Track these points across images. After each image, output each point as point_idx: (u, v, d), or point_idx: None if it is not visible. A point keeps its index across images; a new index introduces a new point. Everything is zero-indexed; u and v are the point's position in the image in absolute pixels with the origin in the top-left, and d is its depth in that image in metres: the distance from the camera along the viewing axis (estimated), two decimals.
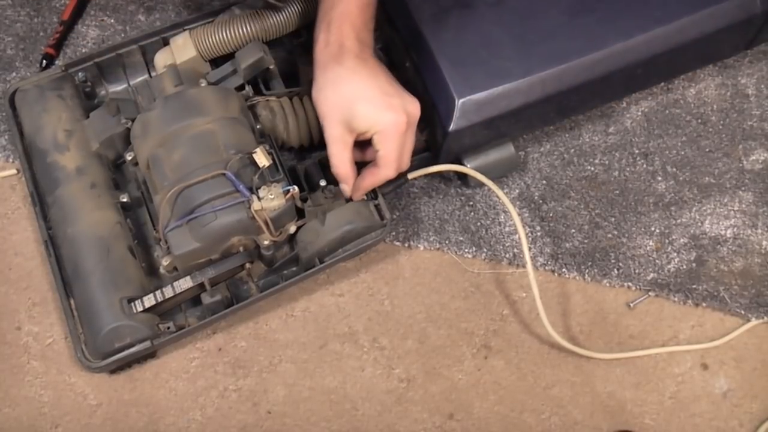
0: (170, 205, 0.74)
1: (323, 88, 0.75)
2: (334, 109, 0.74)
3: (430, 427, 0.80)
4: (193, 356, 0.81)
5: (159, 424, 0.78)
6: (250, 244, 0.77)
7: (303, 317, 0.83)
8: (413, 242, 0.87)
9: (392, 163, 0.75)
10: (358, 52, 0.74)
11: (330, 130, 0.75)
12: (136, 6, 0.98)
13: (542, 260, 0.87)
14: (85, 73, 0.86)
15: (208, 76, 0.84)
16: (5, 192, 0.87)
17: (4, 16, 0.96)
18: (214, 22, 0.85)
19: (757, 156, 0.94)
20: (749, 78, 0.98)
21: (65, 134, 0.81)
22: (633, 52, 0.82)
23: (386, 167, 0.75)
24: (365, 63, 0.74)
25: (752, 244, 0.89)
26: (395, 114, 0.73)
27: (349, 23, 0.74)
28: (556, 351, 0.83)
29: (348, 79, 0.73)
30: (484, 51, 0.79)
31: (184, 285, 0.75)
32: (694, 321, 0.86)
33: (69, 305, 0.77)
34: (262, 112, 0.82)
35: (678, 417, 0.82)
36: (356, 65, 0.73)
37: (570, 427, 0.81)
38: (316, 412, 0.80)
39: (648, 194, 0.91)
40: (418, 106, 0.75)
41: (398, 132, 0.73)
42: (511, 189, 0.90)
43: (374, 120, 0.73)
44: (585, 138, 0.94)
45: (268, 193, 0.74)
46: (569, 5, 0.82)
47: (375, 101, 0.73)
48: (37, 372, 0.79)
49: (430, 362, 0.82)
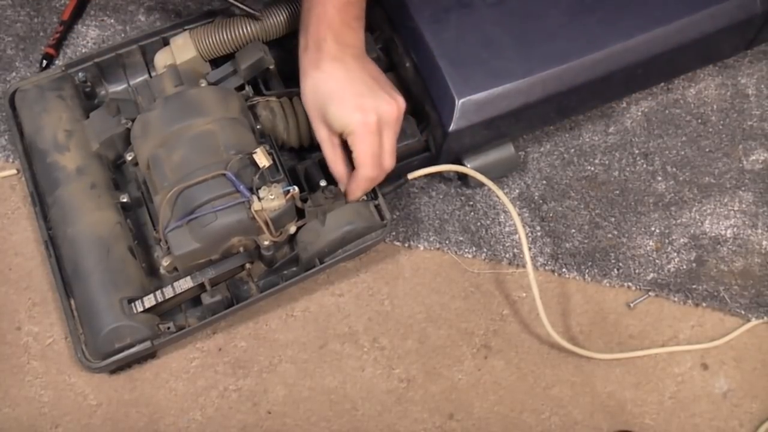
0: (170, 205, 0.74)
1: (305, 92, 0.76)
2: (315, 112, 0.76)
3: (430, 427, 0.80)
4: (193, 356, 0.81)
5: (159, 424, 0.78)
6: (250, 244, 0.77)
7: (303, 317, 0.83)
8: (413, 242, 0.87)
9: (367, 163, 0.75)
10: (335, 53, 0.74)
11: (317, 132, 0.77)
12: (136, 6, 0.98)
13: (542, 260, 0.87)
14: (85, 73, 0.86)
15: (208, 77, 0.84)
16: (5, 192, 0.87)
17: (4, 16, 0.96)
18: (214, 22, 0.85)
19: (757, 156, 0.94)
20: (749, 78, 0.98)
21: (65, 134, 0.81)
22: (633, 53, 0.82)
23: (363, 167, 0.75)
24: (342, 64, 0.74)
25: (752, 244, 0.89)
26: (363, 114, 0.73)
27: (326, 25, 0.74)
28: (556, 351, 0.83)
29: (323, 82, 0.74)
30: (484, 51, 0.79)
31: (184, 285, 0.75)
32: (694, 321, 0.86)
33: (69, 305, 0.77)
34: (262, 112, 0.82)
35: (678, 417, 0.82)
36: (332, 68, 0.74)
37: (570, 427, 0.81)
38: (316, 412, 0.80)
39: (648, 194, 0.91)
40: (395, 105, 0.75)
41: (368, 132, 0.73)
42: (511, 189, 0.91)
43: (345, 121, 0.73)
44: (585, 138, 0.94)
45: (268, 194, 0.74)
46: (569, 5, 0.82)
47: (345, 103, 0.73)
48: (37, 372, 0.79)
49: (430, 362, 0.82)
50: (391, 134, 0.76)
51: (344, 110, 0.73)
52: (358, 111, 0.73)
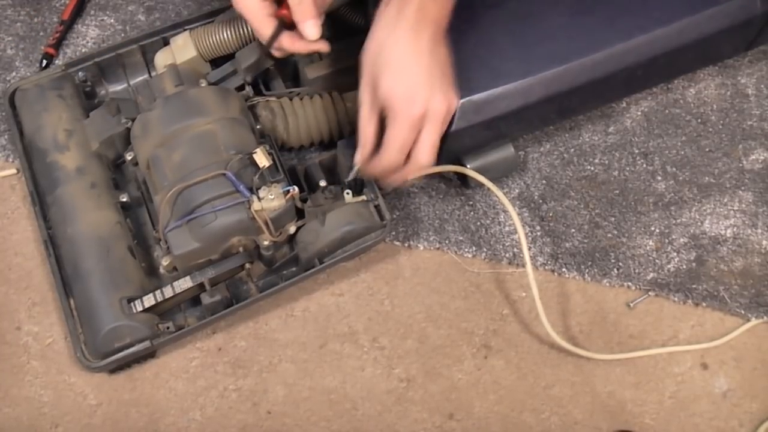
0: (170, 205, 0.74)
1: (368, 48, 0.71)
2: (368, 72, 0.71)
3: (430, 427, 0.80)
4: (193, 356, 0.81)
5: (159, 424, 0.78)
6: (250, 244, 0.77)
7: (303, 317, 0.83)
8: (413, 242, 0.87)
9: (394, 149, 0.70)
10: (414, 24, 0.68)
11: (362, 92, 0.72)
12: (136, 6, 0.98)
13: (542, 260, 0.87)
14: (85, 73, 0.86)
15: (209, 77, 0.84)
16: (5, 192, 0.87)
17: (4, 16, 0.96)
18: (214, 22, 0.85)
19: (757, 156, 0.94)
20: (749, 78, 0.98)
21: (65, 134, 0.81)
22: (633, 54, 0.81)
23: (387, 151, 0.71)
24: (416, 40, 0.69)
25: (752, 243, 0.89)
26: (410, 103, 0.68)
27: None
28: (555, 351, 0.83)
29: (388, 49, 0.69)
30: (484, 51, 0.79)
31: (183, 285, 0.75)
32: (694, 321, 0.86)
33: (69, 305, 0.77)
34: (262, 112, 0.82)
35: (678, 417, 0.82)
36: (404, 38, 0.68)
37: (570, 427, 0.81)
38: (316, 412, 0.80)
39: (648, 194, 0.91)
40: (446, 104, 0.70)
41: (407, 122, 0.69)
42: (510, 189, 0.91)
43: (391, 101, 0.69)
44: (585, 138, 0.94)
45: (268, 194, 0.74)
46: (569, 6, 0.82)
47: (399, 82, 0.69)
48: (37, 372, 0.79)
49: (430, 362, 0.82)
50: (433, 130, 0.71)
51: (395, 89, 0.69)
52: (407, 97, 0.68)
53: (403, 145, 0.70)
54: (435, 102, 0.69)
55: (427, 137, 0.71)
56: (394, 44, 0.69)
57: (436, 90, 0.69)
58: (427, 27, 0.69)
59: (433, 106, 0.69)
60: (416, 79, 0.69)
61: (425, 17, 0.69)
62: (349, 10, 0.88)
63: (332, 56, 0.86)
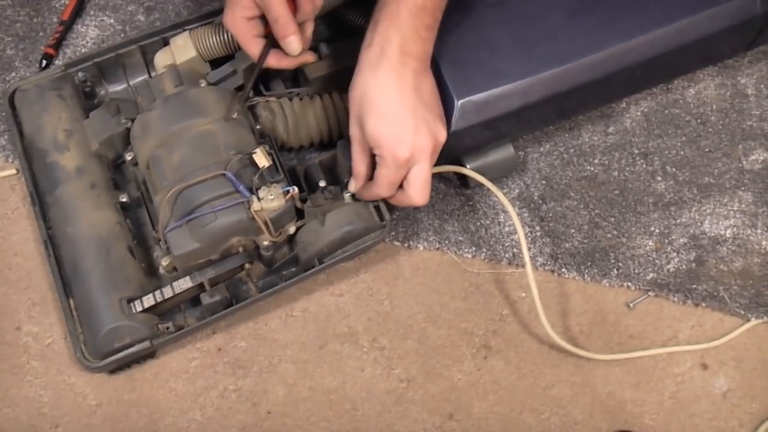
0: (170, 205, 0.74)
1: (353, 88, 0.72)
2: (355, 112, 0.72)
3: (429, 427, 0.80)
4: (193, 356, 0.81)
5: (159, 424, 0.78)
6: (250, 244, 0.77)
7: (303, 317, 0.83)
8: (413, 242, 0.87)
9: (383, 186, 0.73)
10: (396, 63, 0.70)
11: (351, 129, 0.74)
12: (136, 6, 0.98)
13: (542, 260, 0.87)
14: (85, 73, 0.86)
15: (208, 77, 0.84)
16: (5, 192, 0.87)
17: (4, 16, 0.96)
18: (214, 22, 0.85)
19: (757, 156, 0.94)
20: (749, 78, 0.98)
21: (65, 134, 0.81)
22: (633, 54, 0.81)
23: (378, 187, 0.74)
24: (399, 80, 0.70)
25: (752, 244, 0.89)
26: (396, 146, 0.70)
27: (396, 27, 0.70)
28: (555, 351, 0.83)
29: (372, 91, 0.70)
30: (484, 51, 0.79)
31: (183, 285, 0.75)
32: (693, 321, 0.86)
33: (69, 305, 0.77)
34: (262, 112, 0.82)
35: (678, 417, 0.82)
36: (388, 79, 0.70)
37: (570, 427, 0.81)
38: (315, 412, 0.80)
39: (648, 194, 0.91)
40: (434, 141, 0.71)
41: (395, 164, 0.71)
42: (510, 189, 0.91)
43: (377, 142, 0.71)
44: (585, 138, 0.94)
45: (267, 194, 0.74)
46: (569, 6, 0.82)
47: (384, 125, 0.70)
48: (37, 372, 0.79)
49: (429, 362, 0.82)
50: (423, 167, 0.72)
51: (381, 131, 0.70)
52: (393, 140, 0.70)
53: (393, 183, 0.73)
54: (421, 141, 0.71)
55: (418, 174, 0.73)
56: (377, 86, 0.70)
57: (421, 129, 0.71)
58: (410, 64, 0.71)
59: (420, 145, 0.71)
60: (401, 121, 0.70)
61: (407, 55, 0.70)
62: (349, 10, 0.88)
63: (332, 56, 0.86)
